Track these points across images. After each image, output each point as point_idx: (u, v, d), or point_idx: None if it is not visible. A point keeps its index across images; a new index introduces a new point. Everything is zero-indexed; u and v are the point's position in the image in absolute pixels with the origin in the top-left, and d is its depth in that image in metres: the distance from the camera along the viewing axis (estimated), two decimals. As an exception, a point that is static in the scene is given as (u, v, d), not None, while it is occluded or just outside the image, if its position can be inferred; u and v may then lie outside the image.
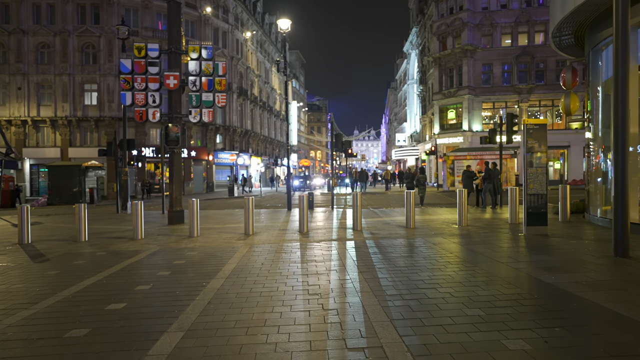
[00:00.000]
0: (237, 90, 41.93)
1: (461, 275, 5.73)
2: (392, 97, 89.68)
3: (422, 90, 44.55)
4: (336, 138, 16.58)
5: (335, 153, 24.73)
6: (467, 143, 33.22)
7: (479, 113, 33.85)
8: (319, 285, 5.37)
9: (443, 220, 12.30)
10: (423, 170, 19.42)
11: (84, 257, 7.89)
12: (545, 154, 9.09)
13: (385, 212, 15.47)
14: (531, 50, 33.02)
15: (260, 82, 51.02)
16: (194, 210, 10.12)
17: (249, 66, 45.54)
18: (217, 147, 39.27)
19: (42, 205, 25.56)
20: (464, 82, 33.58)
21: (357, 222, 10.57)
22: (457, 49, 33.35)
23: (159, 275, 6.21)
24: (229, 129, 40.48)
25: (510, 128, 16.32)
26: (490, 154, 28.59)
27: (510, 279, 5.45)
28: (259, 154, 49.73)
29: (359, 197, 10.62)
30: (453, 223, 11.43)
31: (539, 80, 33.26)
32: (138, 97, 12.84)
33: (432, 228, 10.56)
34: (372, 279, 5.59)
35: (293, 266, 6.55)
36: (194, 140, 37.19)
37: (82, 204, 10.00)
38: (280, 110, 62.32)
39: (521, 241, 8.35)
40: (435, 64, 35.83)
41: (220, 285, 5.52)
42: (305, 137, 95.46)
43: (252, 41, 47.68)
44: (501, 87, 33.61)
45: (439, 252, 7.41)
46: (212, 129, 37.94)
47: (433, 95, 36.99)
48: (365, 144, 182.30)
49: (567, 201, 11.10)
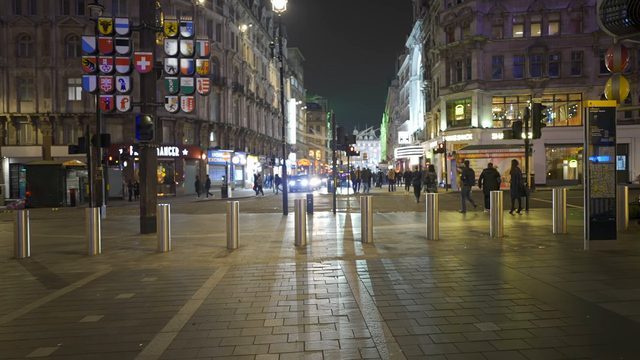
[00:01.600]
0: (232, 86, 39.86)
1: (546, 328, 3.67)
2: (393, 95, 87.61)
3: (426, 85, 42.49)
4: (338, 133, 14.53)
5: (336, 152, 22.64)
6: (476, 140, 31.17)
7: (489, 109, 31.79)
8: (322, 353, 3.31)
9: (469, 228, 10.25)
10: (433, 168, 17.52)
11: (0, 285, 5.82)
12: (614, 146, 7.02)
13: (396, 217, 13.42)
14: (545, 41, 30.97)
15: (257, 78, 48.95)
16: (163, 219, 8.06)
17: (244, 61, 43.47)
18: (211, 145, 37.19)
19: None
20: (473, 76, 31.51)
21: (366, 232, 8.52)
22: (466, 40, 31.28)
23: (81, 324, 4.15)
24: (224, 126, 38.41)
25: (538, 121, 14.28)
26: (503, 151, 26.57)
27: (628, 336, 3.40)
28: (256, 153, 47.63)
29: (369, 201, 8.57)
30: (483, 232, 9.38)
31: (553, 74, 31.22)
32: (104, 82, 10.82)
33: (461, 240, 8.50)
34: (405, 337, 3.54)
35: (283, 307, 4.50)
36: (187, 139, 35.12)
37: (23, 212, 7.93)
38: (279, 108, 60.23)
39: (593, 262, 6.29)
40: (442, 57, 33.77)
41: (163, 350, 3.46)
42: (305, 136, 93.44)
43: (248, 35, 45.62)
44: (513, 80, 31.55)
45: (489, 280, 5.36)
46: (205, 126, 35.87)
47: (439, 90, 34.91)
48: (365, 144, 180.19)
49: (625, 205, 9.05)
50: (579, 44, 30.89)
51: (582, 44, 30.85)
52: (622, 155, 31.14)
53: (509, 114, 32.79)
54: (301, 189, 34.83)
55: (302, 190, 34.22)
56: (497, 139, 31.30)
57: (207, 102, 36.22)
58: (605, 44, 30.55)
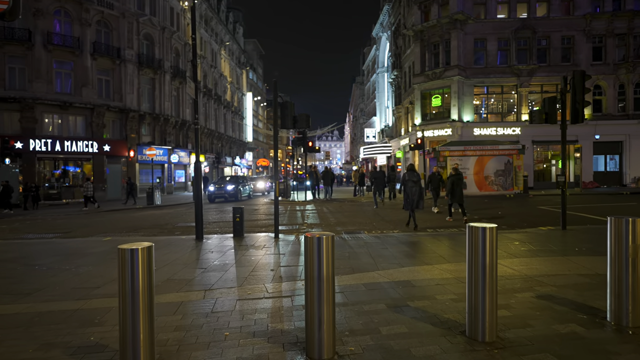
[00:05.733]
0: (170, 71, 33.53)
1: None
2: (358, 92, 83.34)
3: (396, 76, 37.90)
4: (282, 110, 9.16)
5: (290, 147, 17.26)
6: (456, 136, 26.68)
7: (470, 99, 27.41)
8: None
9: (525, 284, 5.11)
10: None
11: None
12: None
13: (372, 245, 8.15)
14: (532, 23, 26.97)
15: (205, 65, 42.67)
16: None
17: (188, 42, 37.19)
18: (143, 140, 30.75)
19: None
20: (452, 61, 27.01)
21: (318, 331, 3.19)
22: (445, 19, 26.73)
23: None
24: (159, 118, 32.02)
25: (582, 96, 9.50)
26: (492, 149, 22.10)
27: None
28: (202, 150, 41.30)
29: (327, 257, 3.22)
30: (584, 312, 4.26)
31: (541, 61, 27.25)
32: None
33: (552, 341, 3.30)
34: None
35: None
36: (110, 131, 28.56)
37: None
38: (233, 101, 54.07)
39: None
40: (416, 40, 29.12)
41: None
42: (265, 134, 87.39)
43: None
44: (497, 67, 27.34)
45: None
46: (134, 117, 29.41)
47: (413, 79, 30.23)
48: (329, 144, 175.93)
49: None
50: (569, 28, 27.10)
51: (572, 27, 27.07)
52: (614, 154, 27.65)
53: (493, 105, 28.59)
54: (240, 195, 23.92)
55: (243, 196, 24.70)
56: (480, 134, 26.99)
57: (137, 88, 29.78)
58: (598, 28, 26.95)
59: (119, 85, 28.85)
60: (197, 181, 9.66)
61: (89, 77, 27.13)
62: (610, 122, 26.98)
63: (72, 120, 27.05)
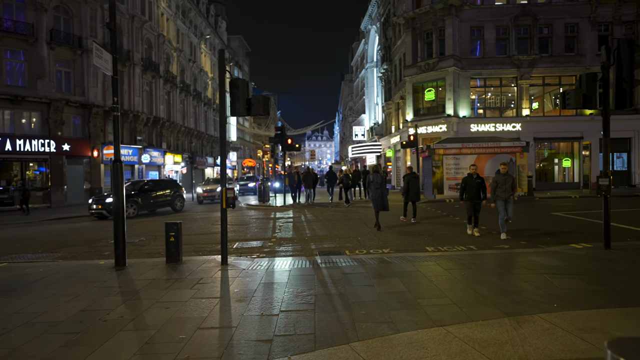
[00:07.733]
0: (141, 63, 30.74)
1: None
2: (347, 90, 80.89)
3: (385, 70, 35.55)
4: (231, 88, 6.65)
5: (268, 146, 14.47)
6: (451, 132, 24.37)
7: (466, 93, 25.13)
8: None
9: None
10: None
11: None
12: None
13: (351, 283, 5.69)
14: (533, 9, 24.77)
15: (183, 59, 39.91)
16: None
17: (161, 34, 34.40)
18: (108, 139, 27.94)
19: None
20: (447, 51, 24.68)
21: None
22: (438, 4, 24.37)
23: None
24: (128, 114, 29.23)
25: (631, 72, 7.16)
26: (494, 146, 19.80)
27: None
28: (179, 150, 38.49)
29: None
30: None
31: (543, 51, 25.06)
32: None
33: None
34: None
35: None
36: (69, 129, 25.72)
37: None
38: (214, 98, 51.28)
39: None
40: (407, 28, 26.74)
41: None
42: (252, 133, 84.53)
43: (168, 3, 36.57)
44: (495, 58, 25.07)
45: None
46: (98, 113, 26.60)
47: (404, 71, 27.85)
48: (318, 144, 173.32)
49: None
50: (573, 14, 24.95)
51: (577, 14, 24.93)
52: (622, 152, 25.59)
53: (491, 99, 26.38)
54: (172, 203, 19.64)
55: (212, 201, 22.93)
56: (477, 131, 24.73)
57: (102, 81, 26.97)
58: (605, 14, 24.84)
59: (80, 77, 26.02)
60: (117, 185, 7.09)
61: (46, 69, 24.27)
62: (617, 117, 24.84)
63: (25, 116, 24.19)
